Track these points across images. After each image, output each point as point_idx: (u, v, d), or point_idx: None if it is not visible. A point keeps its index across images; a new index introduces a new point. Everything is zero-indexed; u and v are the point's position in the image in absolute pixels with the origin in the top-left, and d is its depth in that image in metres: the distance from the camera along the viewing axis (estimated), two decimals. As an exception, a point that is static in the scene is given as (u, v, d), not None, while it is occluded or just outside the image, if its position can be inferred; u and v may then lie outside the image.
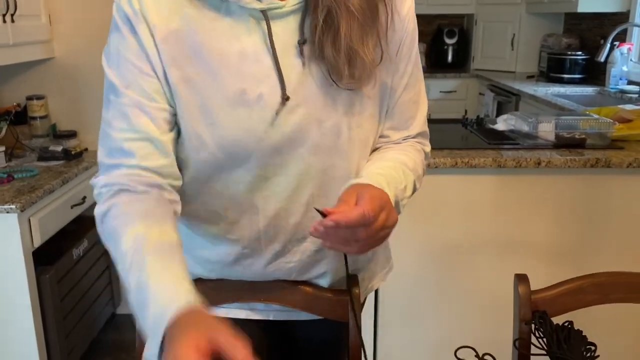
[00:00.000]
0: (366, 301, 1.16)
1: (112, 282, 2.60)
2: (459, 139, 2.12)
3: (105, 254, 2.51)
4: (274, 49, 0.78)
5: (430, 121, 2.90)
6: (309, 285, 1.01)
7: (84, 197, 2.27)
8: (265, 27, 0.78)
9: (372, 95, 0.86)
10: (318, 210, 0.72)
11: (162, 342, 0.64)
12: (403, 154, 0.91)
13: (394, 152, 0.91)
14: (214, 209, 0.89)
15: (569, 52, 3.81)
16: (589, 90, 3.55)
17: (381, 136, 0.94)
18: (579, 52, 3.78)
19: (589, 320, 1.14)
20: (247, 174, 0.84)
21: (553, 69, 3.86)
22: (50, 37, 2.37)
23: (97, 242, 2.44)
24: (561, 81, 3.77)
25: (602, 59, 3.19)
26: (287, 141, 0.82)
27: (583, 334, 0.99)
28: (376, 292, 1.96)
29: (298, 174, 0.84)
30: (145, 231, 0.74)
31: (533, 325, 1.01)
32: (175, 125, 0.82)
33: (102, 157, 0.82)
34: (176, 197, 0.83)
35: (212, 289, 1.00)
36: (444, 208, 1.90)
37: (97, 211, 0.80)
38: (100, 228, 0.80)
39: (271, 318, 1.04)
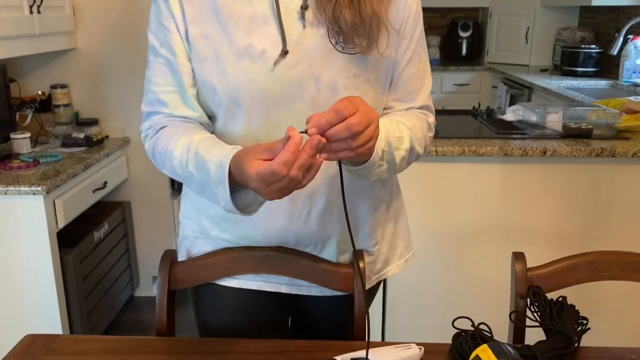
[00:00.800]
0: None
1: (130, 265, 2.70)
2: (468, 128, 2.17)
3: (125, 237, 2.61)
4: (279, 12, 0.90)
5: (442, 112, 2.94)
6: (318, 259, 1.08)
7: (105, 182, 2.36)
8: None
9: (371, 62, 0.94)
10: (303, 132, 0.78)
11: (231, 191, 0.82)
12: (401, 117, 0.99)
13: (393, 115, 0.99)
14: None
15: (583, 46, 3.82)
16: (602, 83, 3.56)
17: (385, 107, 1.02)
18: (593, 46, 3.80)
19: (595, 298, 1.18)
20: (252, 125, 0.94)
21: (566, 62, 3.87)
22: (73, 28, 2.46)
23: (117, 226, 2.54)
24: (574, 74, 3.79)
25: (615, 52, 3.21)
26: (286, 94, 0.92)
27: (575, 309, 1.05)
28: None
29: (298, 129, 0.92)
30: (189, 138, 0.91)
31: (528, 300, 1.07)
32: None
33: (144, 107, 1.00)
34: (209, 128, 1.00)
35: (227, 261, 1.08)
36: (452, 194, 1.96)
37: (147, 148, 0.99)
38: (154, 161, 0.98)
39: (282, 290, 1.10)
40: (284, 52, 0.90)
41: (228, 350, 0.98)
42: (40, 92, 2.51)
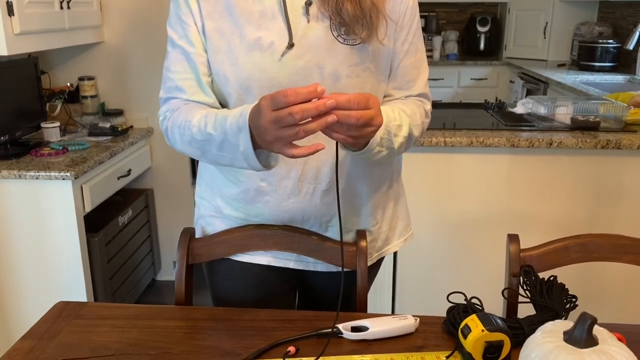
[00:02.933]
0: (382, 263, 1.30)
1: (153, 250, 2.82)
2: (478, 120, 2.23)
3: (147, 223, 2.72)
4: (286, 8, 1.00)
5: (455, 105, 3.00)
6: (325, 238, 1.16)
7: (129, 170, 2.48)
8: None
9: (371, 52, 1.02)
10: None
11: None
12: (402, 104, 1.08)
13: (394, 102, 1.09)
14: None
15: (600, 41, 3.83)
16: (618, 78, 3.57)
17: (386, 95, 1.10)
18: (611, 41, 3.80)
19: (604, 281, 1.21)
20: None
21: (584, 57, 3.88)
22: (100, 23, 2.57)
23: (140, 213, 2.66)
24: (592, 69, 3.80)
25: (631, 47, 3.21)
26: (292, 82, 1.01)
27: (565, 287, 1.11)
28: (395, 261, 2.11)
29: None
30: (207, 110, 1.01)
31: (521, 278, 1.14)
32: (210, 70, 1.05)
33: (162, 94, 1.09)
34: None
35: (240, 238, 1.17)
36: (460, 184, 2.02)
37: (164, 127, 1.06)
38: (172, 137, 1.04)
39: (291, 266, 1.19)
40: (290, 45, 0.99)
41: (239, 318, 1.07)
42: (69, 84, 2.64)
